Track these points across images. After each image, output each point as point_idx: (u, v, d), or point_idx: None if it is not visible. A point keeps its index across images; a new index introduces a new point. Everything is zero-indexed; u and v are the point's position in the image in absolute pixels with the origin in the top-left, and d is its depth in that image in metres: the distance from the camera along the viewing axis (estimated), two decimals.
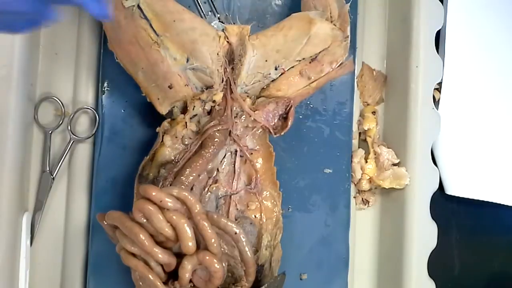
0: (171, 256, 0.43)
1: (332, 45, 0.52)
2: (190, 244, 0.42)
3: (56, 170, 0.53)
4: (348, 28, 0.53)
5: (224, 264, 0.45)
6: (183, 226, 0.41)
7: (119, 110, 0.53)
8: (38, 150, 0.54)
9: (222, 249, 0.47)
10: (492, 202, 0.63)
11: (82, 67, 0.54)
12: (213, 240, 0.43)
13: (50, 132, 0.53)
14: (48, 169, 0.53)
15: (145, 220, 0.42)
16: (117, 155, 0.53)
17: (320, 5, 0.53)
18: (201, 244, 0.44)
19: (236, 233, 0.46)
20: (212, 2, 0.55)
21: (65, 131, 0.54)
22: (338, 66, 0.53)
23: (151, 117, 0.51)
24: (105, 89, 0.53)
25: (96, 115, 0.53)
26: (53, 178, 0.53)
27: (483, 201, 0.63)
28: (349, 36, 0.53)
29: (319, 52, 0.52)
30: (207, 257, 0.42)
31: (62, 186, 0.54)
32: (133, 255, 0.44)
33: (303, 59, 0.52)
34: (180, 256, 0.44)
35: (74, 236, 0.54)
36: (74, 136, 0.53)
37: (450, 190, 0.62)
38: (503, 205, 0.64)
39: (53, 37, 0.54)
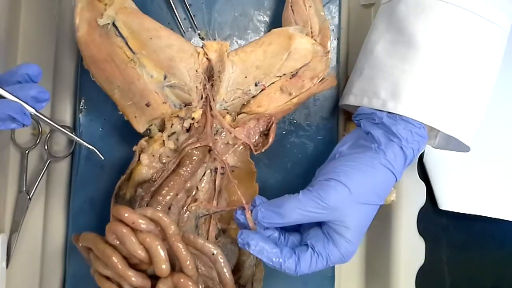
0: (145, 278, 0.42)
1: (313, 60, 0.51)
2: (163, 266, 0.41)
3: (33, 190, 0.52)
4: (329, 43, 0.52)
5: (201, 286, 0.44)
6: (156, 248, 0.40)
7: (96, 129, 0.53)
8: (14, 170, 0.53)
9: (200, 270, 0.46)
10: (482, 216, 0.62)
11: (59, 85, 0.53)
12: (188, 262, 0.42)
13: (26, 151, 0.52)
14: (24, 189, 0.52)
15: (118, 242, 0.41)
16: (94, 174, 0.52)
17: (300, 20, 0.53)
18: (176, 266, 0.43)
19: (213, 253, 0.45)
20: (192, 18, 0.55)
21: (42, 150, 0.53)
22: (319, 82, 0.52)
23: (130, 136, 0.50)
24: (83, 107, 0.53)
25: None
26: (30, 198, 0.52)
27: (473, 215, 0.62)
28: (330, 51, 0.53)
29: (300, 68, 0.51)
30: (182, 280, 0.41)
31: (39, 206, 0.53)
32: (107, 278, 0.43)
33: (284, 74, 0.51)
34: (156, 278, 0.43)
35: (52, 258, 0.52)
36: (51, 155, 0.52)
37: (444, 205, 0.61)
38: (494, 219, 0.63)
39: (31, 55, 0.54)
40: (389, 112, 0.46)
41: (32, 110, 0.39)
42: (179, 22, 0.54)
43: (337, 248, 0.44)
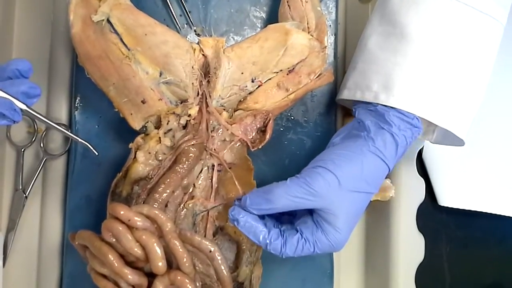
0: (142, 276, 0.42)
1: (310, 56, 0.51)
2: (160, 264, 0.40)
3: (29, 188, 0.52)
4: (326, 39, 0.52)
5: (198, 284, 0.44)
6: (153, 245, 0.40)
7: (93, 126, 0.52)
8: (10, 168, 0.52)
9: (197, 267, 0.46)
10: (482, 212, 0.62)
11: (54, 83, 0.53)
12: (184, 259, 0.41)
13: (22, 149, 0.52)
14: (21, 187, 0.52)
15: (114, 240, 0.41)
16: (91, 172, 0.52)
17: (297, 15, 0.52)
18: (173, 264, 0.42)
19: (211, 251, 0.44)
20: (188, 15, 0.54)
21: (38, 148, 0.53)
22: (316, 77, 0.52)
23: (126, 133, 0.50)
24: (78, 105, 0.52)
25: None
26: (26, 197, 0.52)
27: (473, 211, 0.62)
28: (327, 47, 0.52)
29: (297, 64, 0.51)
30: (179, 277, 0.41)
31: (35, 204, 0.53)
32: (104, 276, 0.42)
33: (280, 70, 0.51)
34: (153, 276, 0.42)
35: (48, 256, 0.52)
36: (47, 153, 0.52)
37: (443, 202, 0.61)
38: (495, 215, 0.62)
39: (26, 53, 0.54)
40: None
41: (23, 106, 0.39)
42: (175, 19, 0.54)
43: (326, 236, 0.43)
